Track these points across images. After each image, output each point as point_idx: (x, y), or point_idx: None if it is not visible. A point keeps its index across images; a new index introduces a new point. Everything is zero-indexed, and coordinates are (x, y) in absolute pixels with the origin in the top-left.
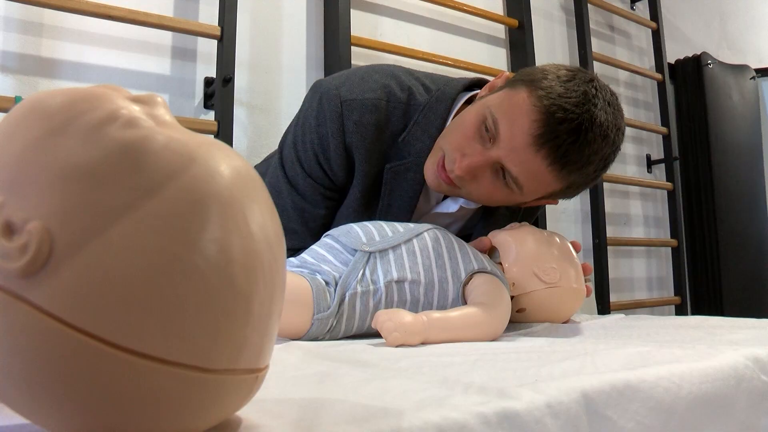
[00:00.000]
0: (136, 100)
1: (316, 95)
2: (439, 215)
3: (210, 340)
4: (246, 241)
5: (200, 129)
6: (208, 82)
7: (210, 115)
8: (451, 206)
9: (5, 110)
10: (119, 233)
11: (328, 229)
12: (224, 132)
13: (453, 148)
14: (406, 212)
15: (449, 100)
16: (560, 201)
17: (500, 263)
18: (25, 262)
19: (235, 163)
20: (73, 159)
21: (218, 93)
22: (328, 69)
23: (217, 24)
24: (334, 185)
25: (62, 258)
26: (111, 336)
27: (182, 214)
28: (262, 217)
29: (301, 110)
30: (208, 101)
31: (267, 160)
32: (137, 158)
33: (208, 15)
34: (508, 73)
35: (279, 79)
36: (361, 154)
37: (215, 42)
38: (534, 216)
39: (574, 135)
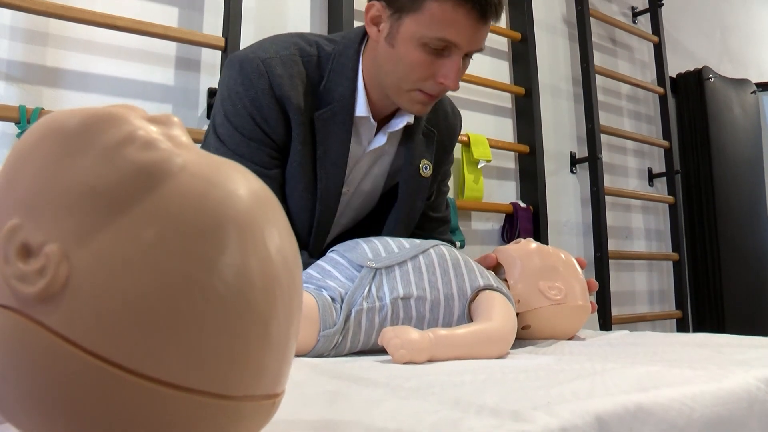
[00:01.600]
0: (153, 120)
1: (234, 66)
2: (373, 152)
3: (229, 367)
4: (265, 265)
5: (203, 139)
6: (212, 92)
7: None
8: (380, 140)
9: (11, 119)
10: (138, 257)
11: (284, 192)
12: None
13: (424, 79)
14: (342, 155)
15: (355, 44)
16: (563, 216)
17: (505, 280)
18: (42, 285)
19: (253, 186)
20: (91, 181)
21: None
22: None
23: (221, 35)
24: (276, 144)
25: (80, 282)
26: (129, 362)
27: (201, 237)
28: (280, 239)
29: (222, 86)
30: (212, 112)
31: None
32: (155, 181)
33: (213, 26)
34: (370, 2)
35: None
36: (292, 104)
37: (219, 53)
38: (449, 160)
39: None
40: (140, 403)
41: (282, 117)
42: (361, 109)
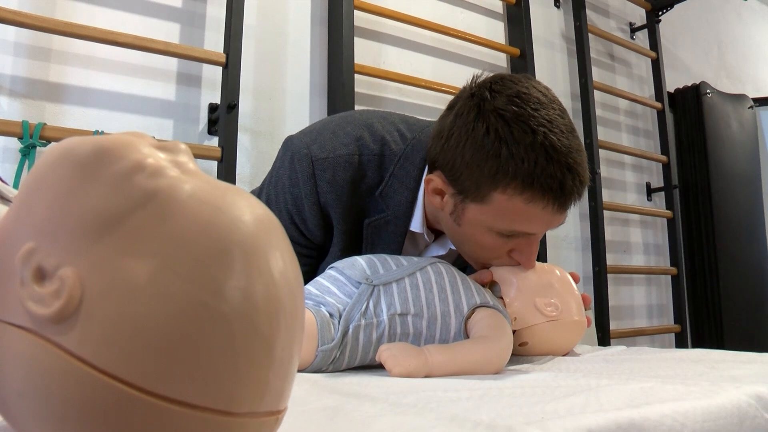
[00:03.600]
0: (161, 147)
1: (287, 154)
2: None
3: (234, 385)
4: (269, 288)
5: (204, 155)
6: (213, 108)
7: (214, 141)
8: (439, 251)
9: (14, 135)
10: (148, 280)
11: None
12: (228, 158)
13: (499, 257)
14: None
15: (425, 149)
16: (561, 231)
17: (501, 298)
18: (58, 307)
19: (257, 211)
20: (103, 207)
21: (222, 119)
22: (332, 96)
23: (222, 51)
24: (311, 243)
25: (93, 304)
26: (140, 381)
27: (209, 262)
28: (284, 263)
29: (274, 168)
30: (212, 127)
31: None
32: (164, 207)
33: (214, 42)
34: (430, 176)
35: (283, 105)
36: (337, 213)
37: (220, 68)
38: None
39: (574, 173)
40: (150, 420)
41: (323, 222)
42: (417, 224)
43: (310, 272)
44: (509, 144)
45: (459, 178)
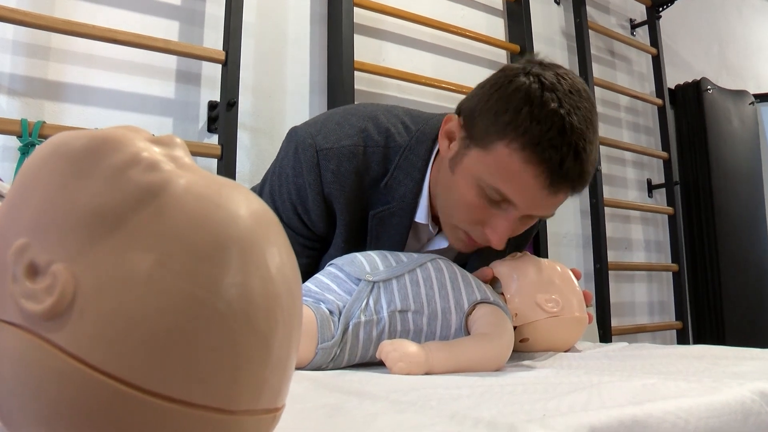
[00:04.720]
0: (156, 141)
1: (291, 144)
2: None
3: (231, 383)
4: (266, 284)
5: (204, 153)
6: (212, 105)
7: (213, 139)
8: (442, 243)
9: (13, 133)
10: (143, 276)
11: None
12: (227, 156)
13: (472, 224)
14: None
15: (429, 140)
16: (562, 228)
17: (502, 294)
18: (50, 304)
19: (254, 207)
20: (97, 202)
21: (222, 117)
22: (332, 93)
23: (221, 48)
24: (314, 235)
25: (86, 300)
26: (134, 379)
27: (205, 258)
28: (281, 259)
29: (277, 159)
30: (212, 125)
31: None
32: (159, 202)
33: (213, 40)
34: (452, 115)
35: (282, 103)
36: (341, 204)
37: (219, 66)
38: (528, 239)
39: (578, 159)
40: (144, 418)
41: (326, 213)
42: (422, 215)
43: (312, 264)
44: (533, 104)
45: (474, 121)
